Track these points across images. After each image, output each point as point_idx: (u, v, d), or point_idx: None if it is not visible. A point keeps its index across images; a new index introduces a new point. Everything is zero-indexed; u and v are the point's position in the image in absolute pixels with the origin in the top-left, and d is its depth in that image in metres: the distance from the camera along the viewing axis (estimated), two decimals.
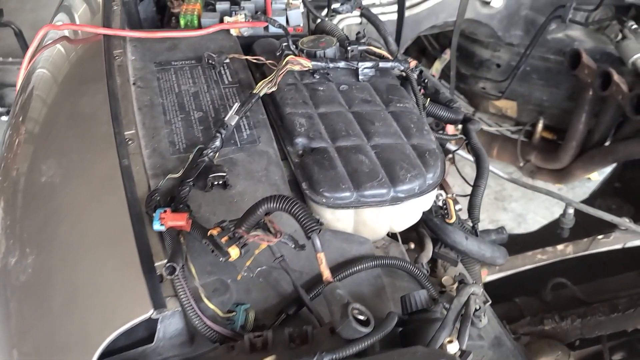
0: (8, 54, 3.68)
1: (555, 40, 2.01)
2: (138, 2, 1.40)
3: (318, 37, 1.11)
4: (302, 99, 0.97)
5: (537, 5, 1.97)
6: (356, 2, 1.46)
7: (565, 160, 2.05)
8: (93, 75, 0.88)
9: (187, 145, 0.85)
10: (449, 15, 1.92)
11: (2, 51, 3.73)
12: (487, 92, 2.30)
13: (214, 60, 1.00)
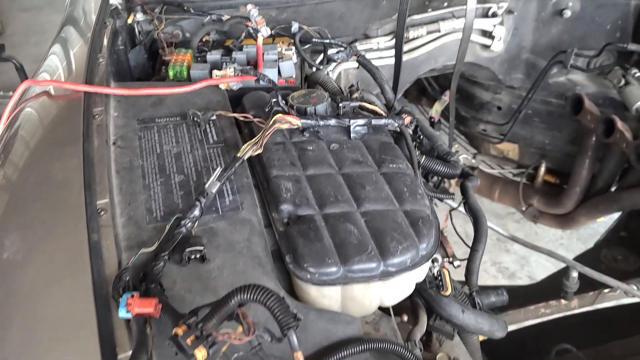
0: (9, 87, 3.69)
1: (556, 84, 1.98)
2: (128, 50, 1.38)
3: (309, 91, 1.07)
4: (289, 160, 0.92)
5: (538, 49, 1.95)
6: (352, 50, 1.43)
7: (568, 205, 2.00)
8: (69, 137, 0.84)
9: (165, 213, 0.81)
10: (448, 59, 1.89)
11: (3, 85, 3.74)
12: (488, 134, 2.26)
13: (199, 118, 0.96)
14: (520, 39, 1.94)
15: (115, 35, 1.30)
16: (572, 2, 1.82)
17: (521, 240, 1.26)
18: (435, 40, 1.83)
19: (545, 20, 1.88)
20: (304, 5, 1.53)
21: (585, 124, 1.82)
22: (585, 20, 1.83)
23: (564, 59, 1.78)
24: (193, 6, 1.48)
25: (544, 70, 1.86)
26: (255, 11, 1.16)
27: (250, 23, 1.19)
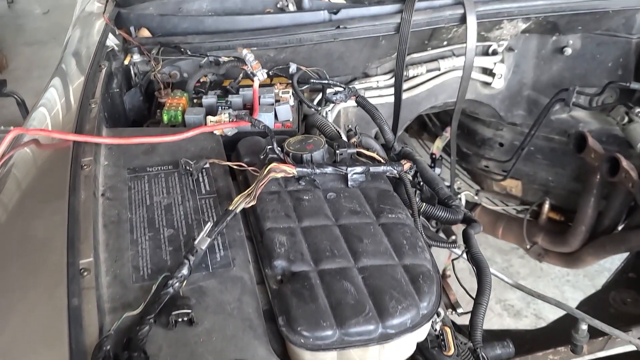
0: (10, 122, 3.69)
1: (559, 121, 1.95)
2: (124, 92, 1.36)
3: (306, 137, 1.05)
4: (284, 211, 0.89)
5: (539, 86, 1.93)
6: (351, 91, 1.41)
7: (574, 244, 1.95)
8: (55, 190, 0.81)
9: (153, 271, 0.77)
10: (448, 96, 1.87)
11: (4, 119, 3.75)
12: (490, 170, 2.23)
13: (192, 167, 0.93)
14: (521, 76, 1.92)
15: (111, 78, 1.29)
16: (572, 40, 1.81)
17: (527, 289, 1.22)
18: (436, 78, 1.82)
19: (545, 57, 1.87)
20: (302, 45, 1.52)
21: (589, 162, 1.79)
22: (586, 58, 1.82)
23: (566, 97, 1.76)
24: (190, 47, 1.47)
25: (546, 108, 1.84)
26: (251, 56, 1.14)
27: (247, 67, 1.17)
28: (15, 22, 4.97)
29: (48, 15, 5.09)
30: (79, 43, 1.49)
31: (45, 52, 4.52)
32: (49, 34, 4.78)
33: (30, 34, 4.78)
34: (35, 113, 1.10)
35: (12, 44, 4.61)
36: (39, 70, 4.25)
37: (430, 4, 1.55)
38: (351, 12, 1.53)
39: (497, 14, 1.57)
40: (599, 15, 1.65)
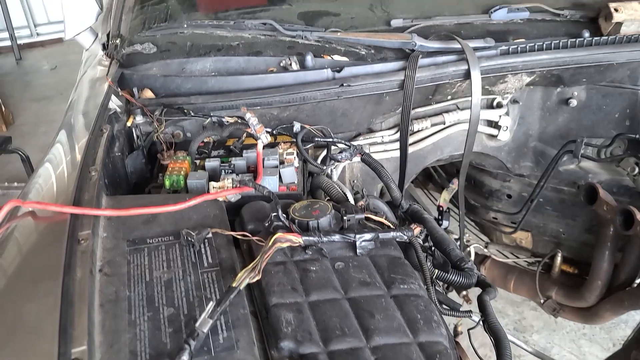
0: (15, 177, 3.70)
1: (567, 172, 1.92)
2: (126, 155, 1.34)
3: (311, 202, 1.01)
4: (290, 284, 0.85)
5: (545, 137, 1.90)
6: (356, 149, 1.39)
7: (590, 299, 1.88)
8: (50, 268, 0.77)
9: (152, 356, 0.72)
10: (454, 149, 1.85)
11: (8, 175, 3.76)
12: (499, 222, 2.19)
13: (193, 238, 0.90)
14: (527, 127, 1.91)
15: (112, 142, 1.27)
16: (577, 91, 1.79)
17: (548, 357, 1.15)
18: (441, 132, 1.80)
19: (551, 109, 1.86)
20: (306, 103, 1.51)
21: (601, 215, 1.75)
22: (592, 109, 1.80)
23: (574, 148, 1.74)
24: (194, 108, 1.46)
25: (554, 160, 1.80)
26: (255, 120, 1.13)
27: (250, 129, 1.15)
28: (24, 79, 5.06)
29: (55, 71, 5.19)
30: (82, 106, 1.49)
31: (51, 107, 4.58)
32: (55, 90, 4.85)
33: (38, 89, 4.85)
34: (35, 181, 1.08)
35: (19, 99, 4.67)
36: (45, 126, 4.30)
37: (433, 61, 1.55)
38: (354, 69, 1.53)
39: (501, 69, 1.56)
40: (603, 67, 1.64)
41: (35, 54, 5.57)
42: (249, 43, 1.65)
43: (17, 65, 5.33)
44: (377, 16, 1.78)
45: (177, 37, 1.70)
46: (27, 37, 5.66)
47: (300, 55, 1.57)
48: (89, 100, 1.51)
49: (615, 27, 1.62)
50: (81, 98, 1.59)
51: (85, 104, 1.51)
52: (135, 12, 1.87)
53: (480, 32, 1.68)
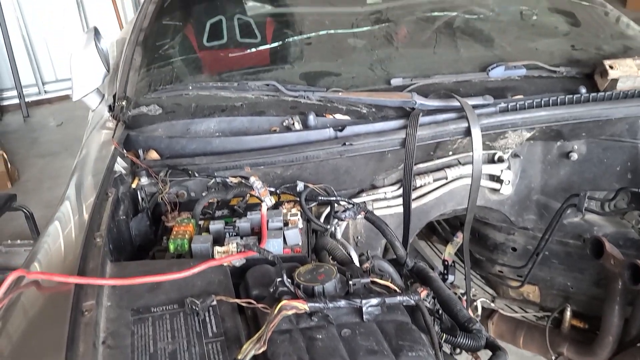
0: (18, 234, 3.70)
1: (572, 225, 1.91)
2: (130, 218, 1.35)
3: (316, 266, 1.01)
4: (297, 355, 0.83)
5: (548, 190, 1.91)
6: (359, 208, 1.40)
7: (602, 356, 1.83)
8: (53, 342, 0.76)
9: None
10: (457, 203, 1.86)
11: (12, 231, 3.76)
12: (505, 276, 2.16)
13: (198, 306, 0.89)
14: (529, 180, 1.91)
15: (117, 205, 1.28)
16: (577, 144, 1.81)
17: None
18: (443, 187, 1.81)
19: (552, 162, 1.87)
20: (309, 162, 1.52)
21: (609, 269, 1.73)
22: (593, 162, 1.82)
23: (577, 202, 1.74)
24: (198, 168, 1.48)
25: (557, 214, 1.80)
26: (259, 183, 1.14)
27: (254, 192, 1.16)
28: (30, 136, 5.14)
29: (62, 127, 5.28)
30: (89, 167, 1.51)
31: (57, 163, 4.63)
32: (61, 145, 4.91)
33: (44, 146, 4.92)
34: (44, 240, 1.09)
35: (25, 156, 4.73)
36: (50, 182, 4.33)
37: (434, 119, 1.58)
38: (356, 128, 1.55)
39: (501, 126, 1.59)
40: (601, 122, 1.66)
41: (43, 110, 5.68)
42: (252, 103, 1.68)
43: (25, 122, 5.43)
44: (377, 75, 1.82)
45: (182, 98, 1.74)
46: (35, 94, 5.78)
47: (302, 114, 1.60)
48: (96, 162, 1.53)
49: (611, 83, 1.65)
50: (88, 159, 1.61)
51: (92, 165, 1.52)
52: (142, 74, 1.91)
53: (478, 89, 1.71)
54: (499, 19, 2.23)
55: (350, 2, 2.33)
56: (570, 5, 2.25)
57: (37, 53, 5.72)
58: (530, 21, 2.21)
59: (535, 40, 2.06)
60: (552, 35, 2.11)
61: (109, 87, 2.14)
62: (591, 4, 2.26)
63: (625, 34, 2.10)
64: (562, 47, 1.98)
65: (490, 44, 2.03)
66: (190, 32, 2.23)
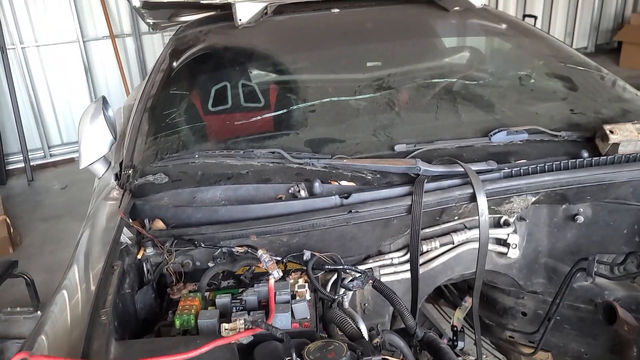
0: (18, 301, 3.64)
1: (582, 289, 1.88)
2: (136, 291, 1.33)
3: (326, 343, 0.99)
4: None
5: (556, 253, 1.89)
6: (367, 277, 1.38)
7: None
8: None
9: None
10: (464, 268, 1.84)
11: (12, 298, 3.70)
12: (516, 341, 2.11)
13: None
14: (536, 244, 1.90)
15: (123, 278, 1.27)
16: (582, 207, 1.81)
17: None
18: (450, 251, 1.80)
19: (558, 225, 1.86)
20: (315, 230, 1.52)
21: (623, 335, 1.69)
22: (600, 225, 1.81)
23: (587, 266, 1.72)
24: (203, 238, 1.47)
25: (567, 278, 1.78)
26: (267, 256, 1.13)
27: (262, 265, 1.15)
28: (34, 199, 5.16)
29: (65, 190, 5.31)
30: (94, 239, 1.50)
31: (60, 226, 4.63)
32: (64, 209, 4.93)
33: (47, 209, 4.93)
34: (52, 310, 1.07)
35: (28, 220, 4.73)
36: (52, 246, 4.31)
37: (438, 185, 1.59)
38: (362, 195, 1.56)
39: (506, 191, 1.59)
40: (605, 186, 1.67)
41: (47, 174, 5.73)
42: (257, 171, 1.69)
43: (29, 186, 5.47)
44: (381, 141, 1.84)
45: (188, 166, 1.75)
46: (40, 158, 5.85)
47: (308, 181, 1.61)
48: (103, 232, 1.52)
49: (613, 148, 1.67)
50: (95, 228, 1.60)
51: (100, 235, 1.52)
52: (149, 142, 1.94)
53: (481, 154, 1.73)
54: (498, 84, 2.29)
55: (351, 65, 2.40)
56: (567, 70, 2.31)
57: (45, 117, 5.83)
58: (528, 86, 2.26)
59: (534, 104, 2.10)
60: (551, 99, 2.16)
61: (116, 155, 2.17)
62: (587, 68, 2.32)
63: (622, 98, 2.14)
64: (561, 111, 2.02)
65: (491, 109, 2.07)
66: (195, 98, 2.29)
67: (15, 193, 5.29)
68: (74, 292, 1.25)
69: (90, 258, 1.43)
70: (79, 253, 1.50)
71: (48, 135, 5.88)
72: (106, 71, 5.98)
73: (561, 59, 2.41)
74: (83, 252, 1.49)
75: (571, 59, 2.38)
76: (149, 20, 3.41)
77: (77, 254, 1.49)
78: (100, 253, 1.39)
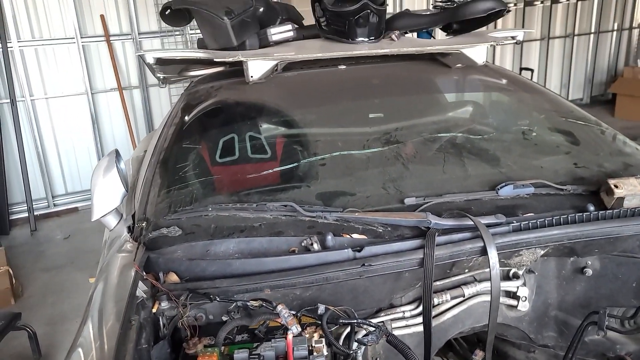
0: (19, 354, 3.59)
1: (594, 343, 1.88)
2: (151, 347, 1.33)
3: None
4: None
5: (565, 306, 1.89)
6: (381, 331, 1.39)
7: None
8: None
9: None
10: (475, 321, 1.84)
11: (13, 351, 3.65)
12: None
13: None
14: (545, 297, 1.90)
15: (140, 333, 1.27)
16: (590, 260, 1.83)
17: None
18: (460, 304, 1.80)
19: (567, 278, 1.87)
20: (329, 283, 1.53)
21: None
22: (608, 278, 1.82)
23: (598, 320, 1.72)
24: (218, 291, 1.48)
25: (578, 332, 1.77)
26: (286, 311, 1.14)
27: (280, 320, 1.16)
28: (36, 249, 5.15)
29: (68, 240, 5.31)
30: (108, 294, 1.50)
31: (62, 276, 4.60)
32: (67, 258, 4.91)
33: (49, 259, 4.92)
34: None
35: (30, 270, 4.71)
36: (54, 297, 4.27)
37: (449, 238, 1.61)
38: (374, 249, 1.58)
39: (516, 245, 1.62)
40: (612, 239, 1.70)
41: (50, 224, 5.74)
42: (270, 224, 1.72)
43: (32, 236, 5.47)
44: (391, 194, 1.88)
45: (201, 219, 1.78)
46: (44, 207, 5.87)
47: (320, 234, 1.64)
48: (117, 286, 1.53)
49: (618, 202, 1.71)
50: (109, 282, 1.61)
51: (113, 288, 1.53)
52: (162, 195, 1.97)
53: (489, 207, 1.76)
54: (502, 138, 2.35)
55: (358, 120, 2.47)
56: (568, 124, 2.38)
57: (50, 167, 5.90)
58: (532, 140, 2.33)
59: (538, 158, 2.15)
60: (555, 153, 2.21)
61: (127, 207, 2.20)
62: (587, 123, 2.39)
63: (623, 152, 2.20)
64: (565, 165, 2.07)
65: (497, 163, 2.12)
66: (206, 152, 2.33)
67: (17, 243, 5.28)
68: (89, 348, 1.25)
69: (105, 313, 1.43)
70: (92, 309, 1.50)
71: (52, 184, 5.92)
72: (112, 122, 6.09)
73: (562, 113, 2.49)
74: (97, 308, 1.49)
75: (571, 113, 2.46)
76: (159, 75, 3.51)
77: (91, 309, 1.50)
78: (114, 308, 1.40)
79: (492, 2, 2.58)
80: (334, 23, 2.52)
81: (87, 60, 5.81)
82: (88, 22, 5.76)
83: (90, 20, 5.76)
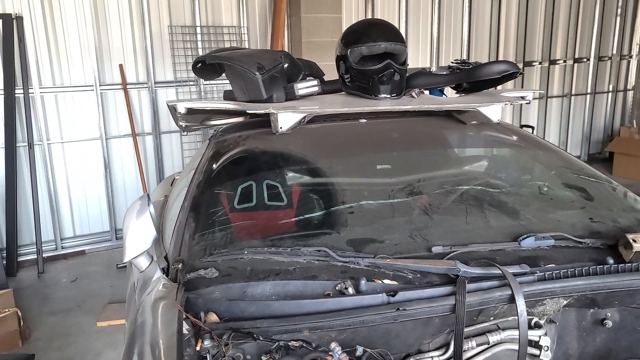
0: None
1: None
2: None
3: None
4: None
5: (586, 357, 1.92)
6: None
7: None
8: None
9: None
10: None
11: None
12: None
13: None
14: (566, 347, 1.95)
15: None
16: (610, 312, 1.89)
17: None
18: (485, 351, 1.85)
19: (587, 329, 1.93)
20: (364, 326, 1.59)
21: None
22: (627, 330, 1.88)
23: None
24: (258, 331, 1.54)
25: None
26: (339, 349, 1.21)
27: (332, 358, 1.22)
28: (43, 292, 5.14)
29: (75, 283, 5.30)
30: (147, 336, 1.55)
31: (69, 320, 4.58)
32: (73, 302, 4.90)
33: (56, 302, 4.90)
34: None
35: (36, 313, 4.69)
36: (60, 340, 4.25)
37: (479, 286, 1.68)
38: (407, 294, 1.65)
39: (541, 294, 1.69)
40: (632, 291, 1.77)
41: (57, 266, 5.74)
42: (304, 267, 1.79)
43: (39, 278, 5.46)
44: (417, 243, 1.96)
45: (237, 262, 1.85)
46: (52, 250, 5.89)
47: (353, 279, 1.71)
48: (160, 324, 1.59)
49: (636, 255, 1.80)
50: (148, 322, 1.67)
51: (156, 327, 1.58)
52: (196, 239, 2.05)
53: (513, 258, 1.85)
54: (520, 192, 2.46)
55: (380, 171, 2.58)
56: (581, 181, 2.50)
57: (60, 209, 5.95)
58: (548, 195, 2.44)
59: (555, 212, 2.26)
60: (570, 208, 2.32)
61: (157, 249, 2.27)
62: (598, 180, 2.51)
63: (635, 208, 2.30)
64: (581, 219, 2.17)
65: (516, 215, 2.22)
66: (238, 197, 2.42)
67: (24, 285, 5.27)
68: None
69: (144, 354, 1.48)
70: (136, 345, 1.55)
71: (62, 227, 5.96)
72: (124, 167, 6.20)
73: (574, 170, 2.61)
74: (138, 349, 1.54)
75: (583, 170, 2.58)
76: (182, 124, 3.65)
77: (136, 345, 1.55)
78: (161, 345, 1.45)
79: (506, 65, 2.75)
80: (359, 80, 2.68)
81: (104, 107, 5.98)
82: (107, 70, 5.97)
83: (109, 69, 5.98)
